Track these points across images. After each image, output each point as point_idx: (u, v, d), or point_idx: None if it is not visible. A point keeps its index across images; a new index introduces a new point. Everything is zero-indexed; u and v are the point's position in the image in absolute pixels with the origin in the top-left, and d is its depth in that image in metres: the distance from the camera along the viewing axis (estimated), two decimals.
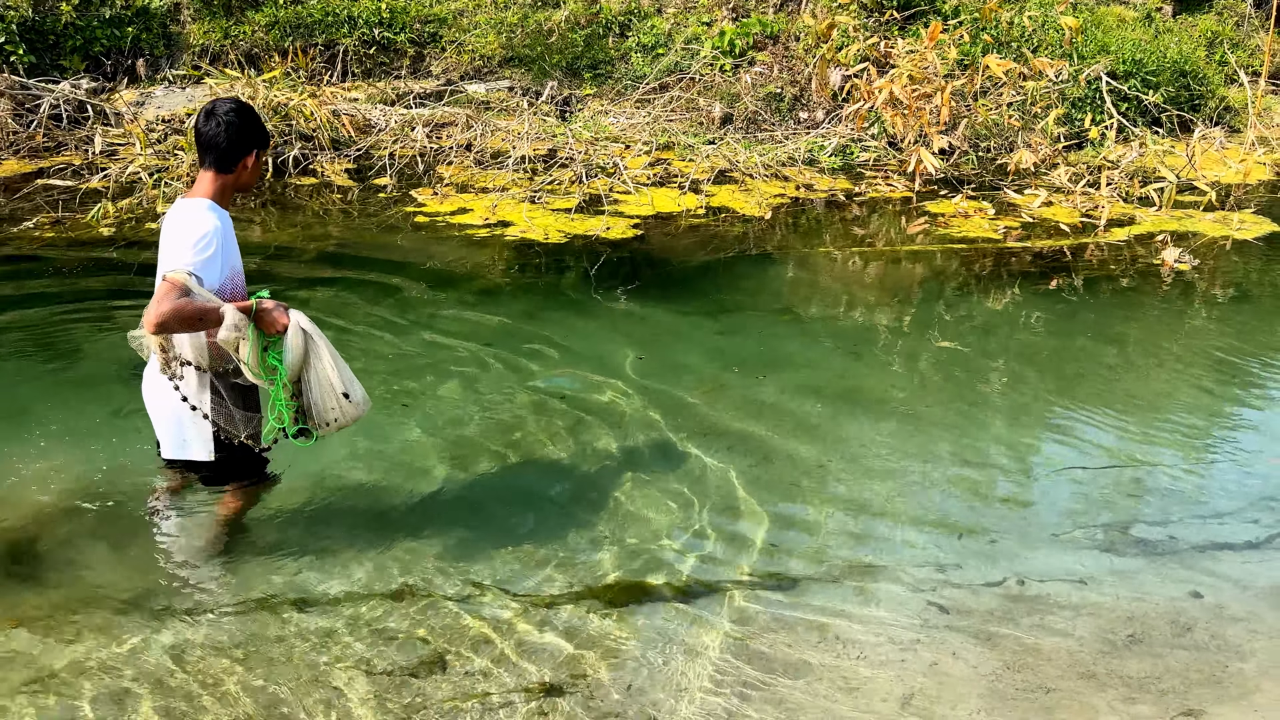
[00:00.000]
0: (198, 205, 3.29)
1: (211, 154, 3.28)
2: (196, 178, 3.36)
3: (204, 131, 3.27)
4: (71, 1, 9.75)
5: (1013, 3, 11.21)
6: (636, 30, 11.10)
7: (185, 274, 3.12)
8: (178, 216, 3.29)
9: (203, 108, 3.32)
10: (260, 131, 3.36)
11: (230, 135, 3.27)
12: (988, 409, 5.21)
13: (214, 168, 3.30)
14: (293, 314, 3.27)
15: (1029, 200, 8.91)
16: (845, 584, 3.78)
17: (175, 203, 3.36)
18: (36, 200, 7.70)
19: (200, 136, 3.29)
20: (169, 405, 3.47)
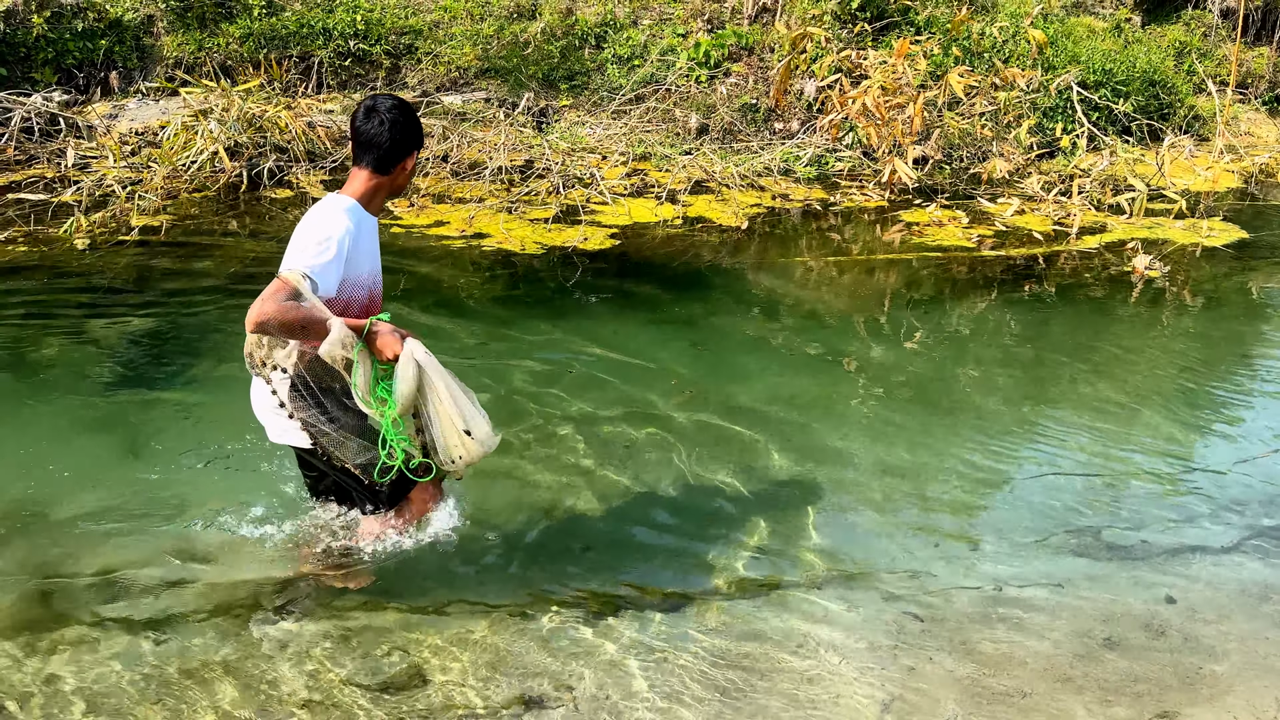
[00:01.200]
0: (337, 204, 3.11)
1: (371, 153, 3.11)
2: (349, 175, 3.18)
3: (364, 130, 3.09)
4: (43, 14, 9.67)
5: (983, 14, 11.34)
6: (612, 42, 11.14)
7: (299, 275, 2.94)
8: (313, 212, 3.12)
9: (362, 104, 3.12)
10: (420, 132, 3.20)
11: (394, 135, 3.09)
12: (961, 416, 5.25)
13: (371, 167, 3.13)
14: (408, 343, 3.05)
15: (1002, 209, 9.00)
16: (823, 591, 3.80)
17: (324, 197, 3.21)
18: (8, 214, 7.62)
19: (360, 134, 3.10)
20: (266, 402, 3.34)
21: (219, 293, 6.38)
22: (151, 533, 3.95)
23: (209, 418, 4.85)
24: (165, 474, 4.37)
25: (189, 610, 3.55)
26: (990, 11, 11.48)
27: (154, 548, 3.87)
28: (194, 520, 4.03)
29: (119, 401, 4.99)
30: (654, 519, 4.22)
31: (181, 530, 3.97)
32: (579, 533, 4.09)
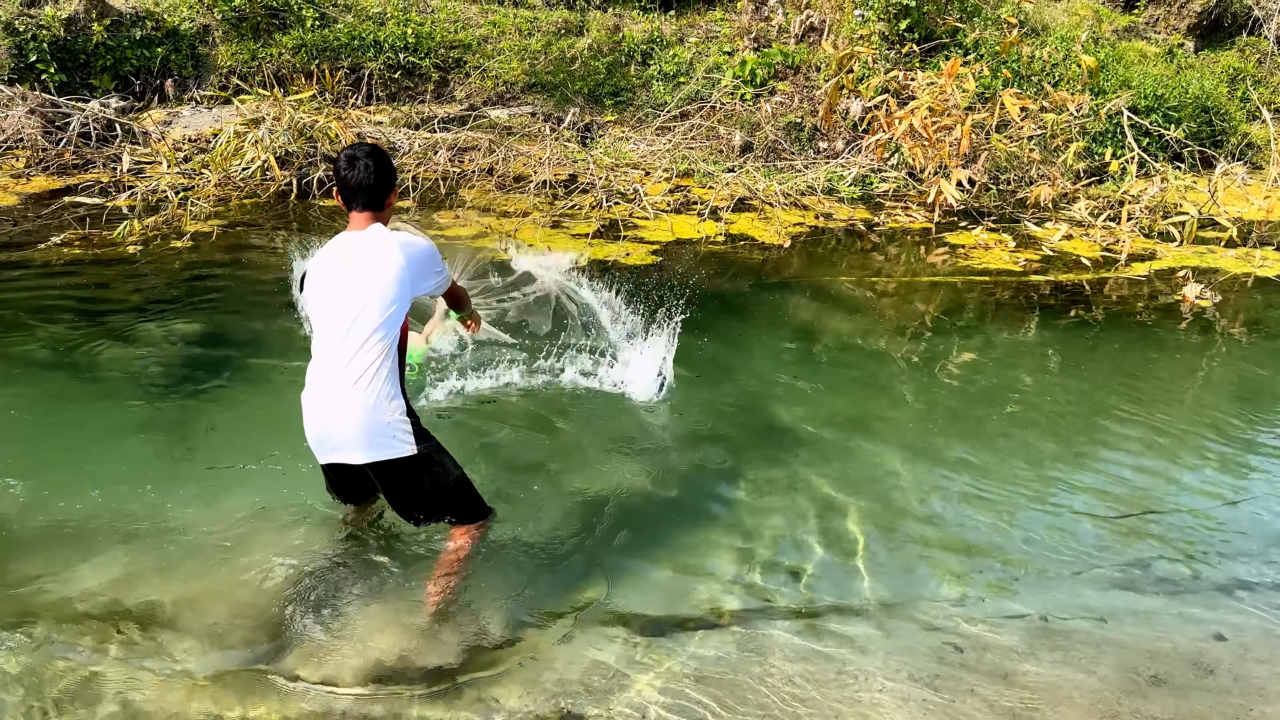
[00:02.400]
0: (386, 231, 3.45)
1: (363, 196, 3.44)
2: (350, 221, 3.49)
3: (350, 177, 3.41)
4: (103, 22, 9.90)
5: (1033, 37, 11.25)
6: (658, 59, 11.19)
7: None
8: (403, 243, 3.42)
9: (342, 155, 3.45)
10: (394, 169, 3.56)
11: (378, 177, 3.43)
12: (1004, 443, 5.19)
13: (367, 208, 3.46)
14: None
15: (1049, 233, 8.90)
16: (861, 618, 3.76)
17: (357, 235, 3.45)
18: (64, 217, 7.79)
19: (347, 182, 3.42)
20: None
21: (267, 298, 6.47)
22: (196, 532, 4.00)
23: (255, 420, 4.91)
24: (212, 476, 4.42)
25: (232, 607, 3.58)
26: (1040, 35, 11.39)
27: (197, 548, 3.92)
28: (240, 522, 4.08)
29: (168, 404, 5.07)
30: (688, 539, 4.20)
31: (225, 531, 4.02)
32: (612, 552, 4.08)
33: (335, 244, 3.47)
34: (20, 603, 3.60)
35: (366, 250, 3.38)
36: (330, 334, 3.40)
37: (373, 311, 3.35)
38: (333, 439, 3.42)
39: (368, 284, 3.35)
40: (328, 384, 3.40)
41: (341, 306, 3.38)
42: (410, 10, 11.12)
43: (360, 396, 3.36)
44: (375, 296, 3.34)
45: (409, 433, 3.44)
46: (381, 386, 3.38)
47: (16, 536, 3.94)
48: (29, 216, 7.79)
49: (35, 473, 4.38)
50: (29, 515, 4.07)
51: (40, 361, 5.46)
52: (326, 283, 3.42)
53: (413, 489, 3.53)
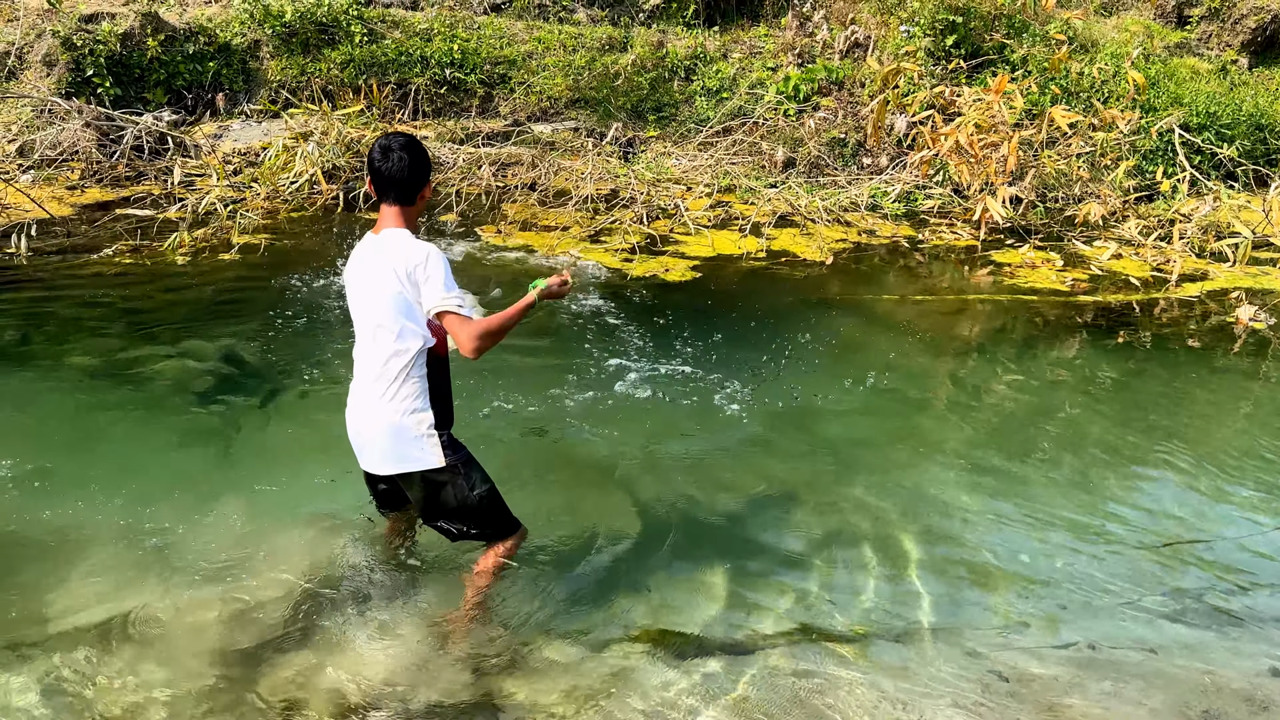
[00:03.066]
0: (412, 238, 3.34)
1: (394, 190, 3.34)
2: (379, 216, 3.40)
3: (384, 168, 3.31)
4: (157, 37, 10.10)
5: (1082, 54, 11.11)
6: (701, 74, 11.20)
7: (454, 305, 3.27)
8: (405, 252, 3.29)
9: (376, 144, 3.34)
10: (429, 163, 3.42)
11: (412, 170, 3.32)
12: (1051, 467, 5.09)
13: (397, 202, 3.36)
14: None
15: (1098, 252, 8.76)
16: (903, 643, 3.70)
17: (374, 239, 3.37)
18: (116, 228, 7.94)
19: (380, 174, 3.32)
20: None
21: (312, 310, 6.54)
22: (231, 544, 4.04)
23: (296, 433, 4.96)
24: (251, 488, 4.47)
25: (277, 613, 3.60)
26: (1090, 51, 11.24)
27: (231, 560, 3.95)
28: (276, 534, 4.11)
29: (210, 414, 5.13)
30: (727, 558, 4.16)
31: (260, 543, 4.05)
32: (657, 572, 4.06)
33: (359, 247, 3.45)
34: (52, 606, 3.65)
35: (379, 258, 3.33)
36: (359, 343, 3.45)
37: (387, 324, 3.33)
38: (365, 443, 3.47)
39: (379, 295, 3.32)
40: (359, 394, 3.44)
41: (362, 317, 3.40)
42: (457, 27, 11.24)
43: (385, 409, 3.37)
44: (386, 309, 3.31)
45: (436, 445, 3.42)
46: (405, 400, 3.37)
47: (57, 540, 4.00)
48: (83, 227, 7.95)
49: (80, 480, 4.46)
50: (71, 521, 4.14)
51: (89, 370, 5.56)
52: (351, 290, 3.44)
53: (437, 501, 3.53)
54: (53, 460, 4.63)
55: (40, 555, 3.93)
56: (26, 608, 3.64)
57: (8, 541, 4.00)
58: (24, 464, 4.57)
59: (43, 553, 3.94)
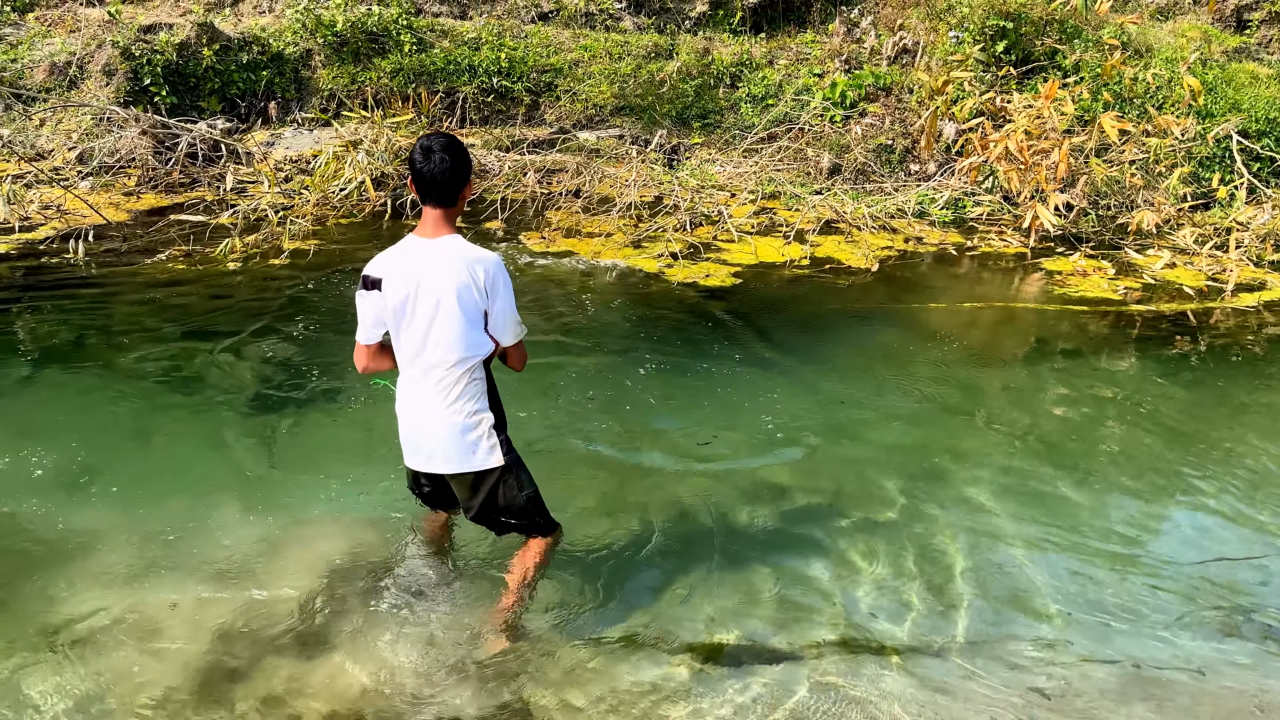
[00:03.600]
0: (471, 247, 3.33)
1: (436, 191, 3.30)
2: (421, 218, 3.37)
3: (426, 170, 3.27)
4: (212, 47, 10.32)
5: (1136, 59, 10.90)
6: (747, 81, 11.17)
7: (523, 333, 3.49)
8: (470, 260, 3.29)
9: (418, 146, 3.30)
10: (470, 164, 3.38)
11: (452, 170, 3.29)
12: (1100, 480, 4.99)
13: (440, 205, 3.33)
14: None
15: (1151, 261, 8.59)
16: (943, 657, 3.64)
17: (425, 244, 3.32)
18: (171, 233, 8.11)
19: (422, 175, 3.29)
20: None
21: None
22: (275, 543, 4.10)
23: (341, 438, 5.02)
24: (297, 490, 4.53)
25: (317, 612, 3.65)
26: (1144, 57, 11.03)
27: (283, 554, 4.01)
28: (319, 534, 4.16)
29: (258, 418, 5.22)
30: (766, 568, 4.13)
31: (304, 543, 4.11)
32: (687, 578, 4.04)
33: (405, 250, 3.35)
34: (94, 601, 3.73)
35: (438, 264, 3.28)
36: (410, 349, 3.40)
37: (453, 332, 3.31)
38: (421, 448, 3.49)
39: (445, 303, 3.28)
40: (416, 396, 3.44)
41: (413, 324, 3.34)
42: (505, 35, 11.33)
43: (448, 413, 3.41)
44: (453, 317, 3.29)
45: (496, 446, 3.48)
46: (468, 403, 3.41)
47: (102, 537, 4.09)
48: (138, 232, 8.13)
49: (128, 477, 4.56)
50: (116, 518, 4.23)
51: (141, 371, 5.68)
52: (395, 295, 3.33)
53: (485, 500, 3.57)
54: (102, 458, 4.74)
55: (84, 551, 4.02)
56: (72, 601, 3.73)
57: (54, 537, 4.10)
58: (74, 461, 4.69)
59: (87, 548, 4.03)
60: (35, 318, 6.37)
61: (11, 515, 4.24)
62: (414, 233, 3.37)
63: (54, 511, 4.29)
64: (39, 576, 3.86)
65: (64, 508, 4.32)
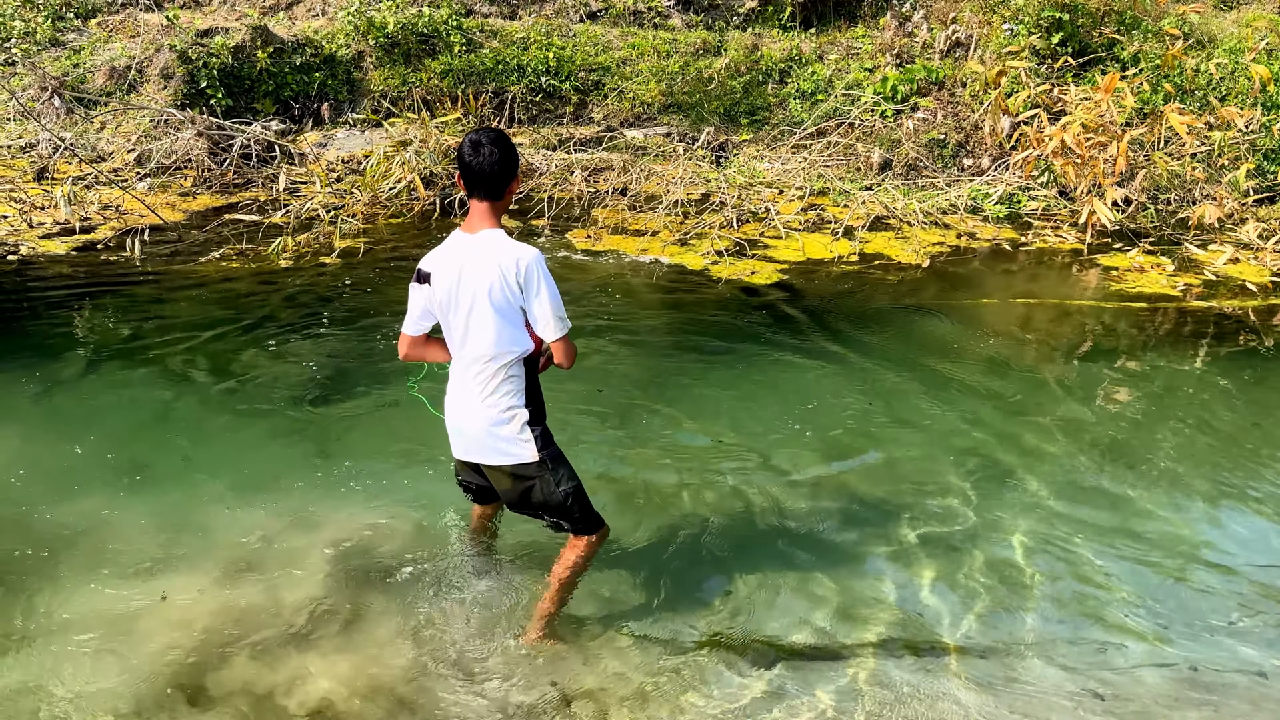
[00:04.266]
0: (514, 243, 3.31)
1: (484, 185, 3.32)
2: (469, 212, 3.39)
3: (474, 163, 3.30)
4: (266, 49, 10.49)
5: (1197, 49, 10.60)
6: (796, 77, 11.07)
7: (566, 329, 3.36)
8: (506, 257, 3.28)
9: (466, 140, 3.33)
10: (518, 158, 3.40)
11: (500, 163, 3.31)
12: (1160, 481, 4.85)
13: (487, 198, 3.34)
14: None
15: (1213, 257, 8.34)
16: (992, 657, 3.56)
17: (468, 239, 3.34)
18: (225, 233, 8.26)
19: (471, 169, 3.31)
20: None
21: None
22: (323, 539, 4.13)
23: (389, 435, 5.06)
24: (344, 487, 4.57)
25: (358, 602, 3.67)
26: (1206, 47, 10.73)
27: (332, 548, 4.04)
28: (366, 531, 4.19)
29: (308, 415, 5.28)
30: (817, 564, 4.08)
31: (350, 538, 4.14)
32: (739, 574, 4.00)
33: (450, 246, 3.41)
34: (138, 592, 3.79)
35: (475, 259, 3.31)
36: (455, 341, 3.46)
37: (489, 330, 3.34)
38: (465, 436, 3.54)
39: (481, 300, 3.32)
40: (457, 391, 3.51)
41: (455, 317, 3.39)
42: (553, 35, 11.37)
43: (483, 406, 3.44)
44: (488, 315, 3.32)
45: (530, 441, 3.48)
46: (504, 398, 3.43)
47: (151, 531, 4.16)
48: (193, 232, 8.29)
49: (178, 473, 4.63)
50: (166, 514, 4.30)
51: (194, 367, 5.78)
52: (444, 290, 3.39)
53: (523, 493, 3.57)
54: (154, 452, 4.83)
55: (134, 543, 4.09)
56: (121, 594, 3.79)
57: (104, 530, 4.17)
58: (127, 455, 4.78)
59: (136, 541, 4.10)
60: (94, 314, 6.52)
61: (58, 504, 4.33)
62: (460, 227, 3.42)
63: (98, 502, 4.37)
64: (83, 563, 3.94)
65: (114, 500, 4.40)
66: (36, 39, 11.05)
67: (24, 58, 10.63)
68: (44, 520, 4.23)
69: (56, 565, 3.93)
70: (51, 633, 3.56)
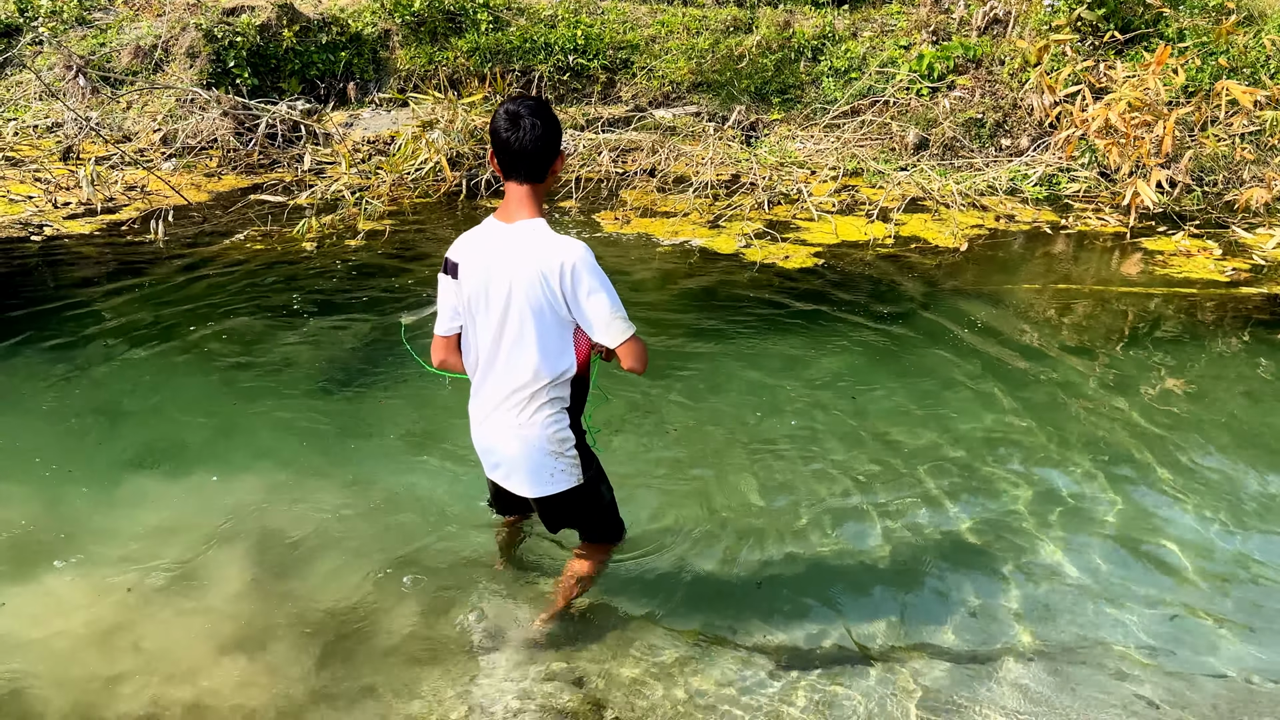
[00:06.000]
0: (556, 236, 2.86)
1: (525, 165, 2.84)
2: (505, 196, 2.92)
3: (513, 139, 2.80)
4: (292, 28, 10.38)
5: (1248, 25, 10.25)
6: (829, 54, 10.83)
7: (632, 329, 2.90)
8: (548, 257, 2.83)
9: (502, 112, 2.82)
10: (561, 132, 2.91)
11: (544, 138, 2.82)
12: (1209, 474, 4.65)
13: (528, 180, 2.86)
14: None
15: (1262, 240, 8.06)
16: (1037, 662, 3.40)
17: (505, 230, 2.90)
18: (249, 214, 8.18)
19: (509, 145, 2.81)
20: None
21: (433, 296, 6.57)
22: (345, 530, 4.04)
23: (414, 421, 4.96)
24: (367, 474, 4.48)
25: (379, 598, 3.58)
26: (1257, 21, 10.37)
27: (350, 542, 3.95)
28: (398, 515, 4.10)
29: (332, 400, 5.19)
30: (843, 564, 3.93)
31: (370, 530, 4.04)
32: (766, 569, 3.87)
33: (482, 235, 2.95)
34: (172, 580, 3.71)
35: (510, 256, 2.85)
36: (485, 345, 3.01)
37: (531, 342, 2.91)
38: (498, 462, 3.15)
39: (522, 307, 2.87)
40: (489, 402, 3.06)
41: (489, 319, 2.95)
42: (581, 12, 11.18)
43: (522, 427, 3.02)
44: (530, 324, 2.88)
45: (576, 465, 3.13)
46: (543, 415, 3.00)
47: (178, 517, 4.08)
48: (218, 213, 8.22)
49: (205, 457, 4.55)
50: (204, 500, 4.22)
51: (218, 351, 5.70)
52: (475, 290, 2.94)
53: (567, 514, 3.31)
54: (181, 437, 4.75)
55: (164, 531, 4.01)
56: (135, 576, 3.72)
57: (133, 518, 4.10)
58: (149, 436, 4.72)
59: (166, 528, 4.02)
60: (117, 296, 6.45)
61: (80, 483, 4.26)
62: (495, 214, 2.96)
63: (128, 489, 4.30)
64: (101, 543, 3.87)
65: (141, 486, 4.33)
66: (64, 18, 11.00)
67: (51, 37, 10.59)
68: (67, 499, 4.17)
69: (77, 544, 3.86)
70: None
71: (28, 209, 8.05)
